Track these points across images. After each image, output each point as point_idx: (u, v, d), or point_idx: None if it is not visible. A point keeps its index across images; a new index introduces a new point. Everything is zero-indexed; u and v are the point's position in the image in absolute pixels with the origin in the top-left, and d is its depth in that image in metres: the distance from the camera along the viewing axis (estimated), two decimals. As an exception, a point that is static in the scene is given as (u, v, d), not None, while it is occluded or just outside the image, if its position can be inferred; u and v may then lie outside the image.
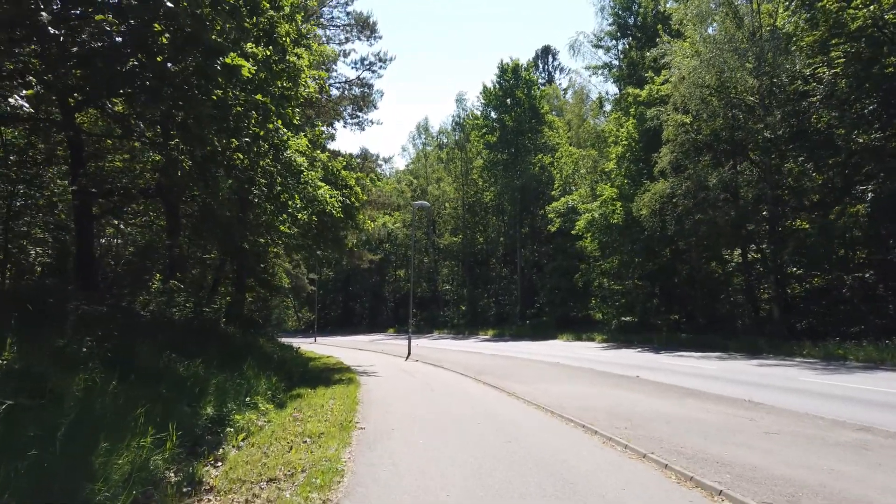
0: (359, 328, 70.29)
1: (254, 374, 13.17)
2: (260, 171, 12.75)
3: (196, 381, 9.89)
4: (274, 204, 13.17)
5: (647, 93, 32.38)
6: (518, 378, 16.33)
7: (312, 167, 14.42)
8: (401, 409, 10.80)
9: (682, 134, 27.50)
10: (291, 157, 12.56)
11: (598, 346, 31.03)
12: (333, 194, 14.71)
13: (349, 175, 17.30)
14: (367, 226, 18.45)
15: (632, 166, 32.45)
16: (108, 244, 24.24)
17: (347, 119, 24.70)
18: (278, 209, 13.25)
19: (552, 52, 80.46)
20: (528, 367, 19.97)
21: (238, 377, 12.14)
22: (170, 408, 8.34)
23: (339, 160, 17.93)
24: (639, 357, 23.15)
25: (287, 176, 13.41)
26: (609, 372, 17.15)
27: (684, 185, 26.25)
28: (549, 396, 12.44)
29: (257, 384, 12.26)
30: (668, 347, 27.50)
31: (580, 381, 15.12)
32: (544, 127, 52.50)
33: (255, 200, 12.75)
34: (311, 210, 13.84)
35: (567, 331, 39.92)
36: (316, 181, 13.90)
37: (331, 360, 24.52)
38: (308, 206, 13.69)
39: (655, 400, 11.55)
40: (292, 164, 12.96)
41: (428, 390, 14.04)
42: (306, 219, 13.41)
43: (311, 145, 14.81)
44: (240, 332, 18.82)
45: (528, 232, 53.47)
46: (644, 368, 18.03)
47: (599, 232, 34.06)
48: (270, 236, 15.69)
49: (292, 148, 12.81)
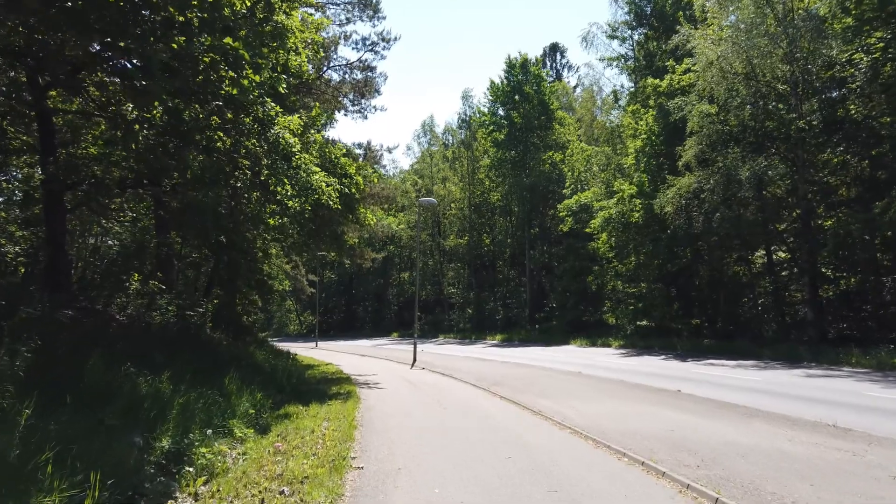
0: (362, 332, 68.35)
1: (236, 389, 11.28)
2: (244, 151, 10.88)
3: (156, 403, 8.00)
4: (260, 191, 11.32)
5: (668, 83, 30.45)
6: (539, 391, 14.40)
7: (306, 150, 12.57)
8: (408, 437, 8.87)
9: (708, 125, 25.54)
10: (279, 133, 10.69)
11: (617, 352, 29.04)
12: (330, 182, 12.84)
13: (348, 162, 15.38)
14: (369, 220, 16.49)
15: (652, 161, 30.47)
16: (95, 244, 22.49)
17: (349, 107, 22.80)
18: (265, 198, 11.39)
19: (560, 50, 78.40)
20: (547, 377, 18.03)
21: (215, 394, 10.26)
22: (111, 442, 6.47)
23: (338, 146, 16.02)
24: (666, 365, 21.19)
25: (276, 159, 11.53)
26: (642, 384, 15.18)
27: (713, 179, 24.25)
28: (582, 416, 10.51)
29: (238, 402, 10.37)
30: (694, 354, 25.50)
31: (613, 396, 13.18)
32: (554, 123, 50.54)
33: (237, 186, 10.87)
34: (304, 199, 11.98)
35: (580, 336, 37.88)
36: (310, 166, 12.05)
37: (330, 369, 22.61)
38: (300, 194, 11.83)
39: (714, 423, 9.60)
40: (281, 144, 11.08)
41: (438, 407, 12.12)
42: (297, 207, 11.53)
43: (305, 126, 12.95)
44: (227, 338, 16.94)
45: (537, 232, 51.47)
46: (679, 379, 16.08)
47: (616, 231, 32.04)
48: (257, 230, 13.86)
49: (281, 123, 10.93)
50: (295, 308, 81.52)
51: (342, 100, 22.24)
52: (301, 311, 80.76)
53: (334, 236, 16.29)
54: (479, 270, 59.55)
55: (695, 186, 24.67)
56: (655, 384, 15.09)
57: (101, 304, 16.73)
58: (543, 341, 40.02)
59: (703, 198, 24.40)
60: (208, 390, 10.29)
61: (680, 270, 34.17)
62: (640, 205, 29.60)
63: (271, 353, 20.15)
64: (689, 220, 25.58)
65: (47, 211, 15.13)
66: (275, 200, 11.48)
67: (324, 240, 16.49)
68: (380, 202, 24.49)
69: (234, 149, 10.81)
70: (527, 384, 16.07)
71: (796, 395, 12.86)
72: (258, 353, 17.69)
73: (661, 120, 30.35)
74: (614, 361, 23.66)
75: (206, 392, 10.02)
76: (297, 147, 11.77)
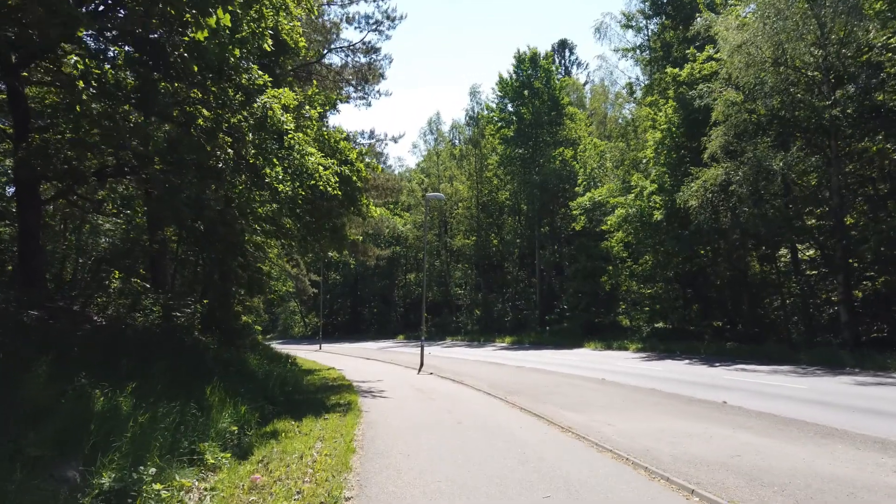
0: (367, 335, 66.85)
1: (218, 401, 9.76)
2: (226, 126, 9.37)
3: (106, 423, 6.48)
4: (246, 174, 9.82)
5: (689, 72, 28.81)
6: (563, 401, 12.81)
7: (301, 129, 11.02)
8: (417, 465, 7.30)
9: (734, 114, 23.88)
10: (267, 104, 9.16)
11: (635, 356, 27.38)
12: (328, 165, 11.29)
13: (348, 147, 13.76)
14: (373, 213, 14.91)
15: (672, 154, 28.81)
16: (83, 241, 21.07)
17: (352, 94, 21.18)
18: (252, 181, 9.89)
19: (569, 46, 76.88)
20: (568, 384, 16.42)
21: (192, 408, 8.75)
22: (32, 479, 4.96)
23: (337, 130, 14.42)
24: (694, 371, 19.55)
25: (265, 137, 10.01)
26: (678, 394, 13.56)
27: (741, 171, 22.56)
28: (623, 435, 8.93)
29: (218, 418, 8.83)
30: (720, 358, 23.83)
31: (650, 409, 11.58)
32: (565, 119, 48.95)
33: (219, 167, 9.35)
34: (299, 184, 10.46)
35: (594, 338, 36.19)
36: (305, 147, 10.53)
37: (331, 374, 21.06)
38: (294, 178, 10.31)
39: (785, 446, 8.00)
40: (270, 120, 9.56)
41: (451, 421, 10.55)
42: (289, 192, 10.00)
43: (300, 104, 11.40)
44: (217, 341, 15.42)
45: (547, 232, 49.83)
46: (716, 388, 14.46)
47: (634, 229, 30.37)
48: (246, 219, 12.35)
49: (269, 94, 9.41)
50: (299, 310, 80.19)
51: (344, 86, 20.65)
52: (306, 312, 79.39)
53: (334, 230, 14.71)
54: (486, 271, 57.97)
55: (722, 179, 22.97)
56: (692, 393, 13.47)
57: (78, 304, 15.32)
58: (555, 344, 38.35)
59: (731, 190, 22.69)
60: (184, 404, 8.79)
61: (699, 270, 32.54)
62: (661, 201, 27.92)
63: (268, 357, 18.61)
64: (715, 215, 23.89)
65: (20, 202, 13.74)
66: (263, 184, 9.94)
67: (323, 234, 14.95)
68: (383, 194, 22.81)
69: (214, 124, 9.29)
70: (547, 393, 14.49)
71: (859, 407, 11.24)
72: (252, 359, 16.16)
73: (682, 110, 28.72)
74: (636, 366, 22.03)
75: (179, 406, 8.51)
76: (289, 124, 10.24)
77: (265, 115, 9.11)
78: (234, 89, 8.88)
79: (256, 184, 9.91)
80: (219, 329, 16.42)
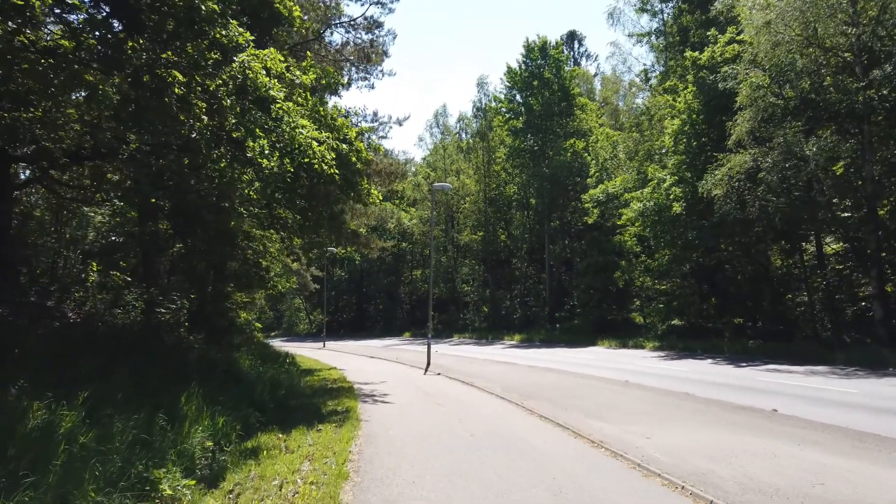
0: (372, 332, 65.54)
1: (195, 410, 8.44)
2: (199, 89, 8.01)
3: (31, 446, 5.16)
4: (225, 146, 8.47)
5: (709, 55, 27.28)
6: (587, 407, 11.43)
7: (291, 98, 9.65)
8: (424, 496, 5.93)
9: (761, 97, 22.36)
10: (247, 63, 7.81)
11: (653, 355, 25.93)
12: (323, 139, 9.89)
13: (346, 123, 12.30)
14: (374, 198, 13.46)
15: (692, 142, 27.27)
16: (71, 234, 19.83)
17: (353, 74, 19.76)
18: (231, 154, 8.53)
19: (578, 38, 75.17)
20: (589, 387, 15.03)
21: (162, 420, 7.44)
22: None
23: (335, 107, 12.97)
24: (722, 372, 18.13)
25: (250, 107, 8.65)
26: (715, 399, 12.10)
27: (770, 157, 21.01)
28: (665, 452, 7.55)
29: (191, 432, 7.50)
30: (745, 358, 22.36)
31: (689, 417, 10.17)
32: (576, 110, 47.42)
33: (192, 137, 7.99)
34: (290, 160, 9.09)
35: (607, 336, 34.68)
36: (295, 118, 9.15)
37: (332, 375, 19.73)
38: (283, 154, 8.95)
39: (873, 468, 6.60)
40: (253, 84, 8.21)
41: (463, 433, 9.19)
42: (275, 168, 8.61)
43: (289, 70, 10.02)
44: (205, 340, 14.11)
45: (557, 226, 48.33)
46: (753, 391, 13.01)
47: (651, 223, 28.83)
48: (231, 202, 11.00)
49: (249, 52, 8.04)
50: (304, 307, 79.06)
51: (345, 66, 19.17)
52: (311, 310, 78.23)
53: (332, 217, 13.29)
54: (494, 267, 56.52)
55: (749, 165, 21.41)
56: (731, 398, 12.04)
57: (54, 300, 14.05)
58: (566, 342, 36.91)
59: (760, 178, 21.12)
60: (150, 415, 7.48)
61: (717, 264, 31.05)
62: (680, 192, 26.39)
63: (264, 357, 17.27)
64: (741, 205, 22.37)
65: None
66: (244, 158, 8.58)
67: (321, 223, 13.55)
68: (387, 181, 21.25)
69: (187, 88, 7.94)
70: (567, 396, 13.11)
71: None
72: (245, 359, 14.82)
73: (703, 96, 27.21)
74: (657, 366, 20.62)
75: (143, 418, 7.20)
76: (276, 91, 8.87)
77: (245, 78, 7.75)
78: (209, 46, 7.52)
79: (238, 158, 8.56)
80: (208, 326, 15.09)
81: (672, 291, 33.10)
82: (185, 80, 7.91)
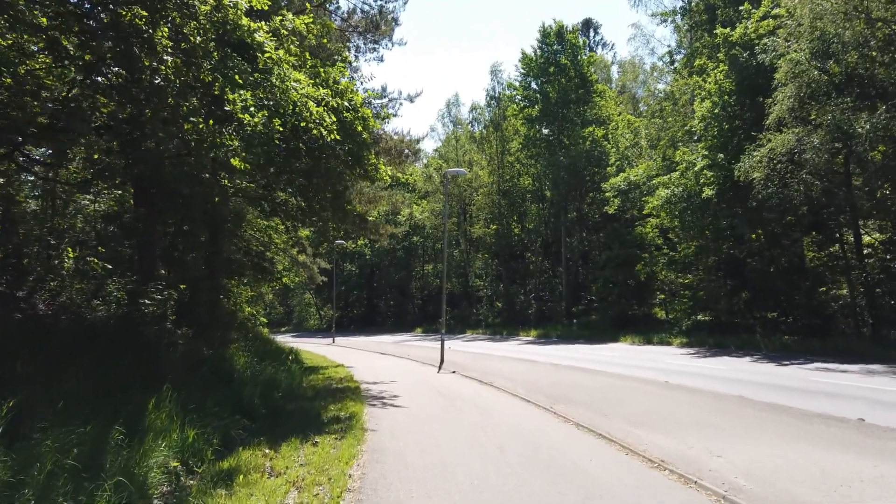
0: (384, 328, 64.13)
1: (164, 420, 6.94)
2: (166, 28, 6.48)
3: None
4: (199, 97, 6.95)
5: (742, 31, 25.42)
6: (631, 414, 9.81)
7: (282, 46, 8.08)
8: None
9: (805, 72, 20.53)
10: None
11: (683, 352, 24.21)
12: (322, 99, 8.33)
13: (350, 86, 10.62)
14: (383, 174, 11.83)
15: (724, 124, 25.44)
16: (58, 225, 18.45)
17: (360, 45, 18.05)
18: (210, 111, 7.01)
19: (594, 26, 73.06)
20: (625, 388, 13.40)
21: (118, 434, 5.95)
22: None
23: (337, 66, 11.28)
24: (767, 371, 16.44)
25: (231, 55, 7.10)
26: (780, 404, 10.34)
27: (816, 137, 19.18)
28: (747, 475, 5.94)
29: (153, 449, 5.99)
30: (785, 355, 20.62)
31: (756, 427, 8.53)
32: (594, 96, 45.59)
33: (157, 82, 6.46)
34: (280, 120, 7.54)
35: (629, 332, 32.92)
36: (288, 70, 7.60)
37: (338, 373, 18.22)
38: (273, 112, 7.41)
39: None
40: (234, 26, 6.68)
41: (490, 447, 7.63)
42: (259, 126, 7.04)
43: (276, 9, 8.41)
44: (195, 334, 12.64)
45: (574, 217, 46.53)
46: (816, 395, 11.31)
47: (680, 210, 27.01)
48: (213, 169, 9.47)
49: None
50: (314, 302, 77.85)
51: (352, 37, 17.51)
52: (321, 305, 76.97)
53: (336, 196, 11.69)
54: (508, 261, 54.87)
55: (792, 145, 19.57)
56: (797, 403, 10.32)
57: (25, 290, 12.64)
58: (585, 338, 35.21)
59: (806, 158, 19.26)
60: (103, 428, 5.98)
61: (746, 255, 29.24)
62: (712, 177, 24.58)
63: (263, 354, 15.77)
64: (784, 188, 20.54)
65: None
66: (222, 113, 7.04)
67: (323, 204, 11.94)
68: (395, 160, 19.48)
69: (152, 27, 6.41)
70: (602, 400, 11.51)
71: None
72: (240, 356, 13.33)
73: (735, 75, 25.39)
74: (693, 365, 18.95)
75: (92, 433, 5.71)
76: (264, 36, 7.31)
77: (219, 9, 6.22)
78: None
79: (214, 114, 7.01)
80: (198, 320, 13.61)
81: (697, 285, 31.36)
82: (146, 16, 6.38)
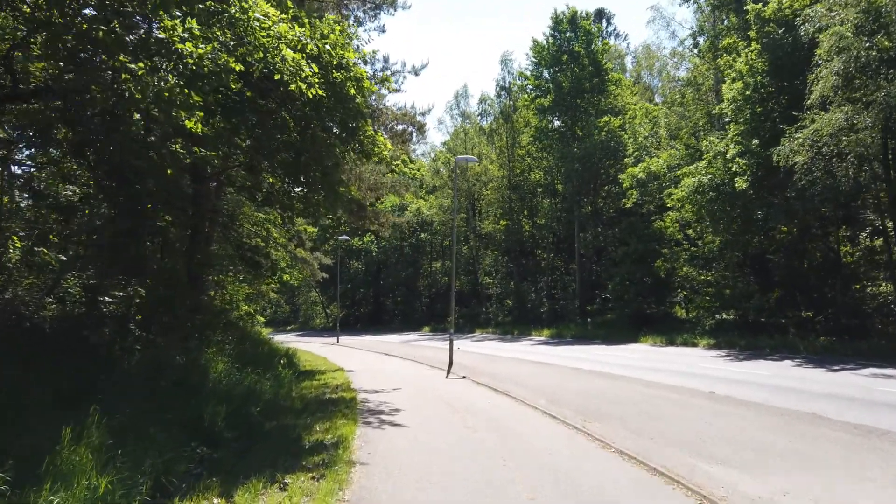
0: (391, 326, 62.40)
1: (82, 457, 5.15)
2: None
3: None
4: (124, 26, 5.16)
5: (775, 7, 23.40)
6: (684, 438, 7.94)
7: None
8: None
9: (852, 44, 18.50)
10: None
11: (713, 354, 22.20)
12: (297, 41, 6.55)
13: (342, 40, 8.78)
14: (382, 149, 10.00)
15: (757, 107, 23.43)
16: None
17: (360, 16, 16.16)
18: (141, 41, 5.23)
19: (607, 16, 70.96)
20: (664, 400, 11.50)
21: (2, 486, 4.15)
22: None
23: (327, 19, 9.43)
24: (820, 378, 14.51)
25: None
26: (869, 426, 8.43)
27: (868, 115, 17.18)
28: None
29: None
30: (828, 359, 18.62)
31: (853, 458, 6.65)
32: (609, 85, 43.58)
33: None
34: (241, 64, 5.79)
35: (648, 332, 30.95)
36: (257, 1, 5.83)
37: (335, 379, 16.40)
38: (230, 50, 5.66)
39: None
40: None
41: (518, 496, 5.78)
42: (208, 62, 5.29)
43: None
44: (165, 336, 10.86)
45: (589, 212, 44.50)
46: (885, 406, 9.42)
47: (708, 201, 24.99)
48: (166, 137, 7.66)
49: None
50: (320, 300, 76.23)
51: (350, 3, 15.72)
52: (327, 303, 75.34)
53: (325, 174, 9.86)
54: (518, 258, 52.95)
55: (842, 125, 17.53)
56: (884, 424, 8.41)
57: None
58: (602, 338, 33.22)
59: (856, 139, 17.23)
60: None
61: (776, 249, 27.25)
62: (745, 164, 22.57)
63: (249, 357, 13.99)
64: (830, 174, 18.54)
65: None
66: (156, 42, 5.25)
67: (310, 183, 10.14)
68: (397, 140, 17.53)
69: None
70: (641, 416, 9.63)
71: None
72: (219, 362, 11.50)
73: (769, 54, 23.39)
74: (729, 370, 17.01)
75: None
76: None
77: None
78: None
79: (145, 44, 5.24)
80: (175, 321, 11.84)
81: (720, 282, 29.39)
82: None
